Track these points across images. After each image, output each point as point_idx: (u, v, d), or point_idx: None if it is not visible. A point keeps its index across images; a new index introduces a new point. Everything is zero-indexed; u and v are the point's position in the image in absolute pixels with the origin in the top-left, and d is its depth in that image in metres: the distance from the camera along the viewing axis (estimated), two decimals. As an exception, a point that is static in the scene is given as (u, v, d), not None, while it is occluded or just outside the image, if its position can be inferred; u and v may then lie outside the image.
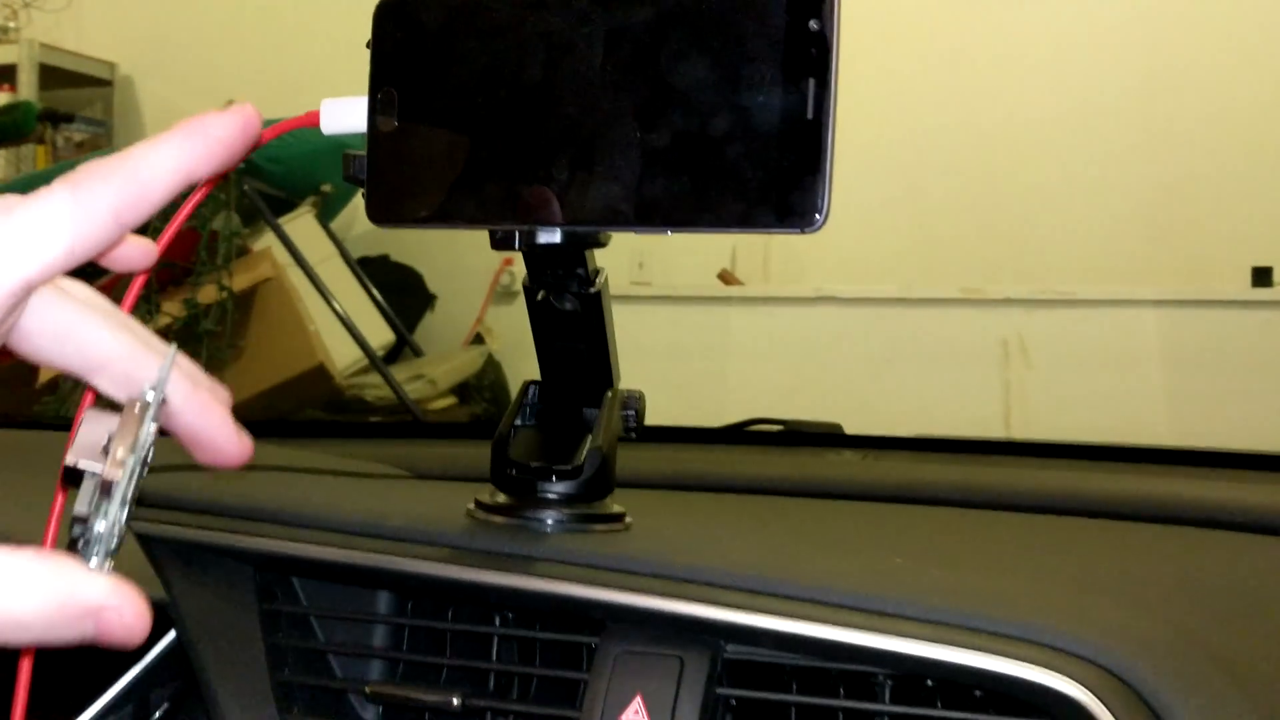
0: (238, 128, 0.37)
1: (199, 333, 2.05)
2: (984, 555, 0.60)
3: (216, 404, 0.37)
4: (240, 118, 0.37)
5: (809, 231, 0.39)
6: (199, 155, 0.36)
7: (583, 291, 0.50)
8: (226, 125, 0.36)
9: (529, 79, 0.42)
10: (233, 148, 0.37)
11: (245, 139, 0.37)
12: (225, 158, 0.37)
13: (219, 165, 0.37)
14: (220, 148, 0.36)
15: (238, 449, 0.38)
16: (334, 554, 0.51)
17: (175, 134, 0.36)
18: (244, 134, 0.37)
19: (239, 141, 0.37)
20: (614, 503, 0.54)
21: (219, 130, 0.36)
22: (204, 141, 0.36)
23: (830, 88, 0.39)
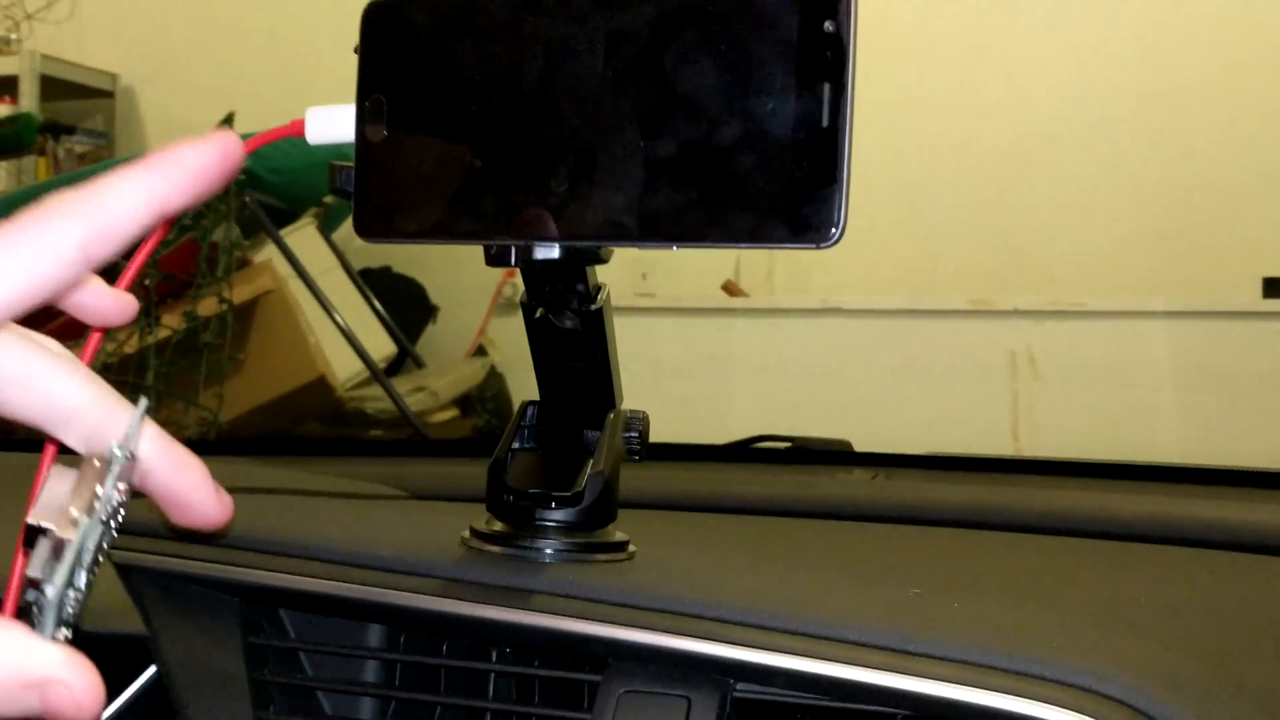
0: (214, 157, 0.34)
1: (199, 345, 2.03)
2: (1003, 583, 0.57)
3: (193, 461, 0.35)
4: (217, 147, 0.34)
5: (824, 247, 0.36)
6: (172, 187, 0.33)
7: (583, 309, 0.48)
8: (202, 155, 0.34)
9: (526, 85, 0.40)
10: (209, 178, 0.34)
11: (223, 169, 0.35)
12: (200, 189, 0.34)
13: (194, 197, 0.34)
14: (195, 179, 0.34)
15: (218, 509, 0.36)
16: (322, 586, 0.49)
17: (147, 165, 0.34)
18: (221, 164, 0.34)
19: (216, 172, 0.34)
20: (616, 530, 0.52)
21: (194, 161, 0.34)
22: (177, 173, 0.34)
23: (847, 93, 0.36)
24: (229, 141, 0.35)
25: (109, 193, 0.33)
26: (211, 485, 0.35)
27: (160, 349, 1.92)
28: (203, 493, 0.35)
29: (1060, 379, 2.24)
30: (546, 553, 0.49)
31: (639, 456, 0.53)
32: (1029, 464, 0.98)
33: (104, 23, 3.06)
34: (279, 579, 0.50)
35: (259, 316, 2.20)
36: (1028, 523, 0.71)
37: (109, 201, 0.33)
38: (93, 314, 0.35)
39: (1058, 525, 0.71)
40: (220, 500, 0.35)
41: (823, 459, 0.96)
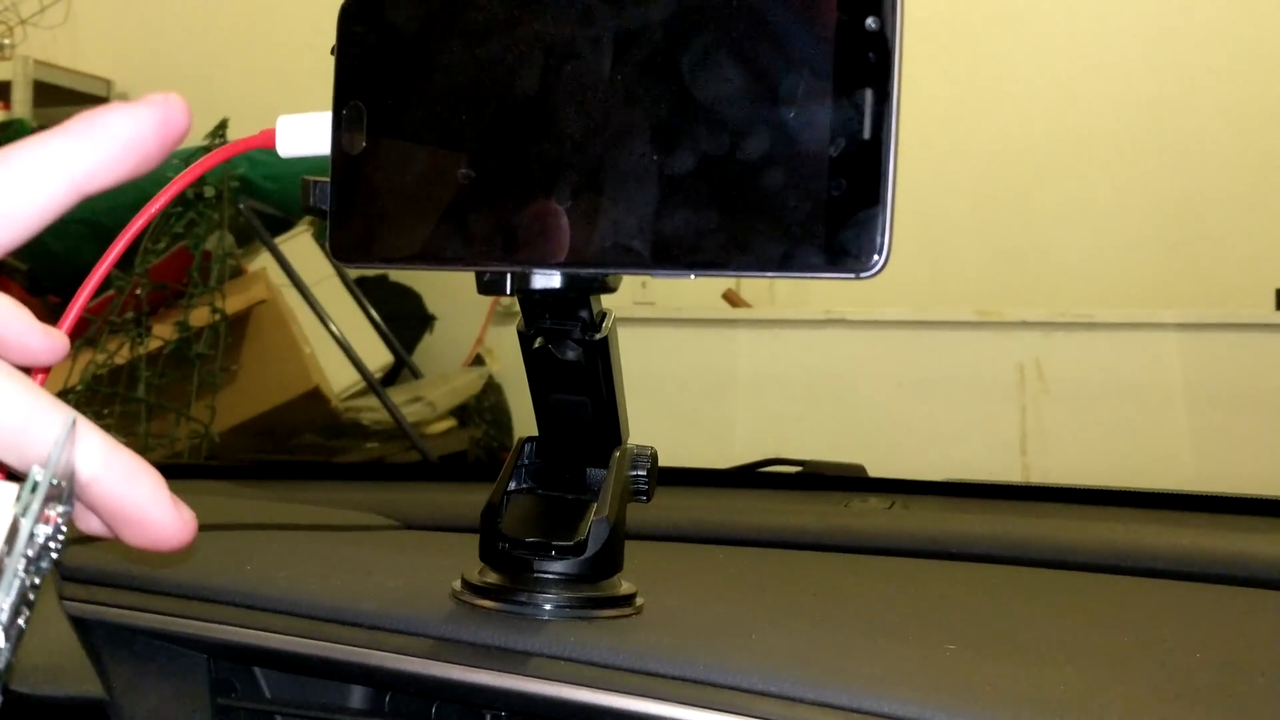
0: (150, 125, 0.28)
1: (191, 356, 1.99)
2: (1041, 634, 0.53)
3: (144, 469, 0.29)
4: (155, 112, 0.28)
5: (865, 277, 0.31)
6: (95, 160, 0.27)
7: (586, 338, 0.43)
8: (133, 121, 0.28)
9: (523, 91, 0.35)
10: (143, 152, 0.28)
11: (163, 141, 0.28)
12: (131, 163, 0.28)
13: (122, 172, 0.28)
14: (124, 151, 0.28)
15: (176, 526, 0.29)
16: (299, 645, 0.44)
17: (64, 130, 0.27)
18: (160, 134, 0.28)
19: (152, 142, 0.28)
20: (623, 580, 0.47)
21: (122, 127, 0.28)
22: (103, 144, 0.28)
23: (892, 100, 0.31)
24: (170, 105, 0.29)
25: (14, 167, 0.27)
26: (168, 496, 0.29)
27: (151, 360, 1.88)
28: (157, 505, 0.29)
29: (1069, 392, 2.21)
30: (545, 608, 0.44)
31: (646, 497, 0.48)
32: (1049, 491, 0.94)
33: (98, 28, 3.03)
34: (251, 636, 0.45)
35: (253, 327, 2.17)
36: (1054, 558, 0.68)
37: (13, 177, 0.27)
38: (16, 352, 0.29)
39: (1086, 561, 0.67)
40: (179, 514, 0.29)
41: (835, 485, 0.91)
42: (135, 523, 0.29)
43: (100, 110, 0.28)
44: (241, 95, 2.65)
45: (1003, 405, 2.22)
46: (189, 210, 1.91)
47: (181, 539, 0.30)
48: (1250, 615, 0.57)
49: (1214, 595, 0.61)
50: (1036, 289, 2.32)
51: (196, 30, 2.90)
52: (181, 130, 0.29)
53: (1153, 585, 0.63)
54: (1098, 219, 2.32)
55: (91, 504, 0.29)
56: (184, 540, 0.30)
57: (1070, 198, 2.32)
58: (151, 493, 0.29)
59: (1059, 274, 2.33)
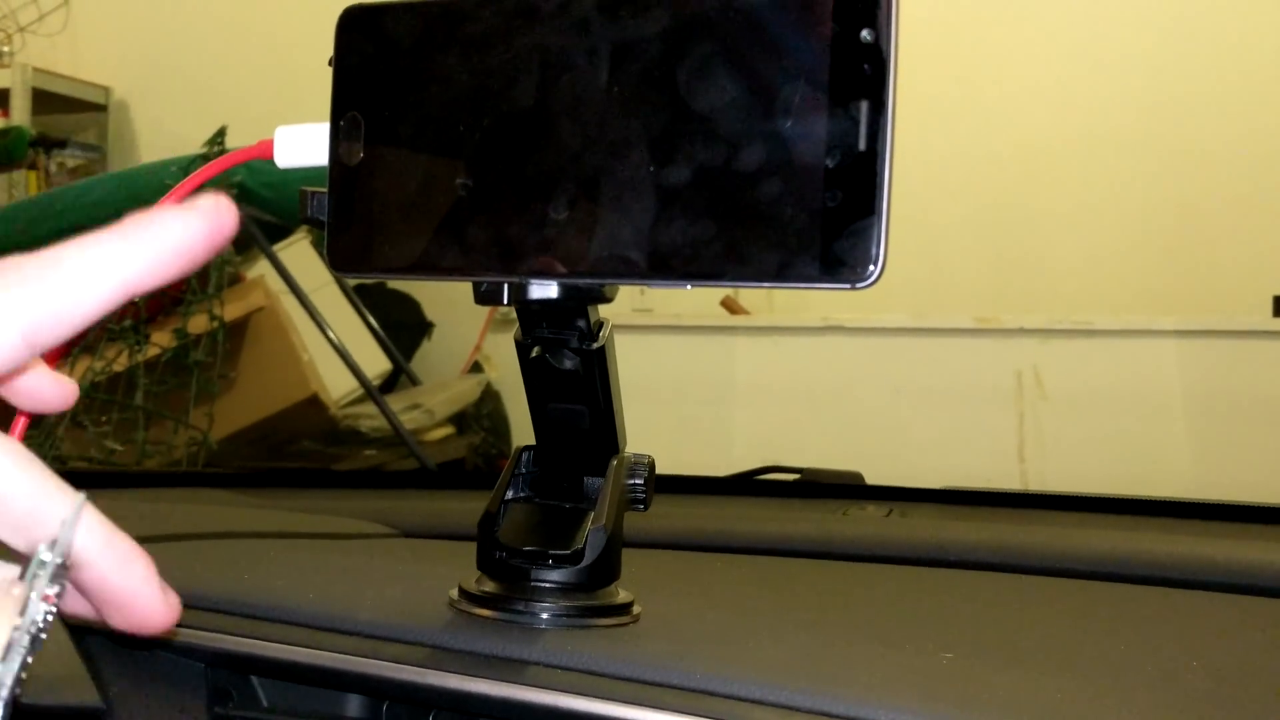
0: (203, 230, 0.28)
1: (189, 364, 1.99)
2: (1039, 641, 0.53)
3: (138, 554, 0.30)
4: (207, 218, 0.28)
5: (861, 288, 0.31)
6: (146, 263, 0.27)
7: (583, 347, 0.43)
8: (186, 228, 0.28)
9: (520, 102, 0.35)
10: (192, 254, 0.28)
11: (211, 243, 0.28)
12: (180, 266, 0.28)
13: (171, 274, 0.28)
14: (174, 255, 0.28)
15: (162, 612, 0.30)
16: (296, 654, 0.44)
17: (119, 233, 0.27)
18: (210, 237, 0.28)
19: (202, 247, 0.28)
20: (620, 589, 0.47)
21: (177, 233, 0.28)
22: (155, 248, 0.27)
23: (887, 112, 0.31)
24: (220, 210, 0.28)
25: (67, 267, 0.27)
26: (157, 583, 0.30)
27: (150, 367, 1.88)
28: (146, 592, 0.29)
29: (1067, 399, 2.21)
30: (542, 617, 0.44)
31: (644, 506, 0.48)
32: (1047, 499, 0.94)
33: (97, 36, 3.03)
34: (249, 645, 0.45)
35: (251, 334, 2.17)
36: (1052, 565, 0.68)
37: (66, 278, 0.27)
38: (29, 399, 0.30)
39: (1084, 568, 0.67)
40: (165, 601, 0.30)
41: (833, 493, 0.91)
42: (124, 606, 0.30)
43: (154, 214, 0.27)
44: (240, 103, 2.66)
45: (1001, 412, 2.22)
46: (187, 217, 1.91)
47: (165, 623, 0.30)
48: (1247, 622, 0.57)
49: (1211, 602, 0.61)
50: (1034, 296, 2.32)
51: (195, 38, 2.90)
52: (229, 234, 0.29)
53: (1150, 593, 0.63)
54: (1095, 226, 2.32)
55: (84, 586, 0.29)
56: (168, 624, 0.30)
57: (1068, 205, 2.33)
58: (144, 578, 0.30)
59: (1057, 281, 2.33)
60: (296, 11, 2.77)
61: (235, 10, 2.90)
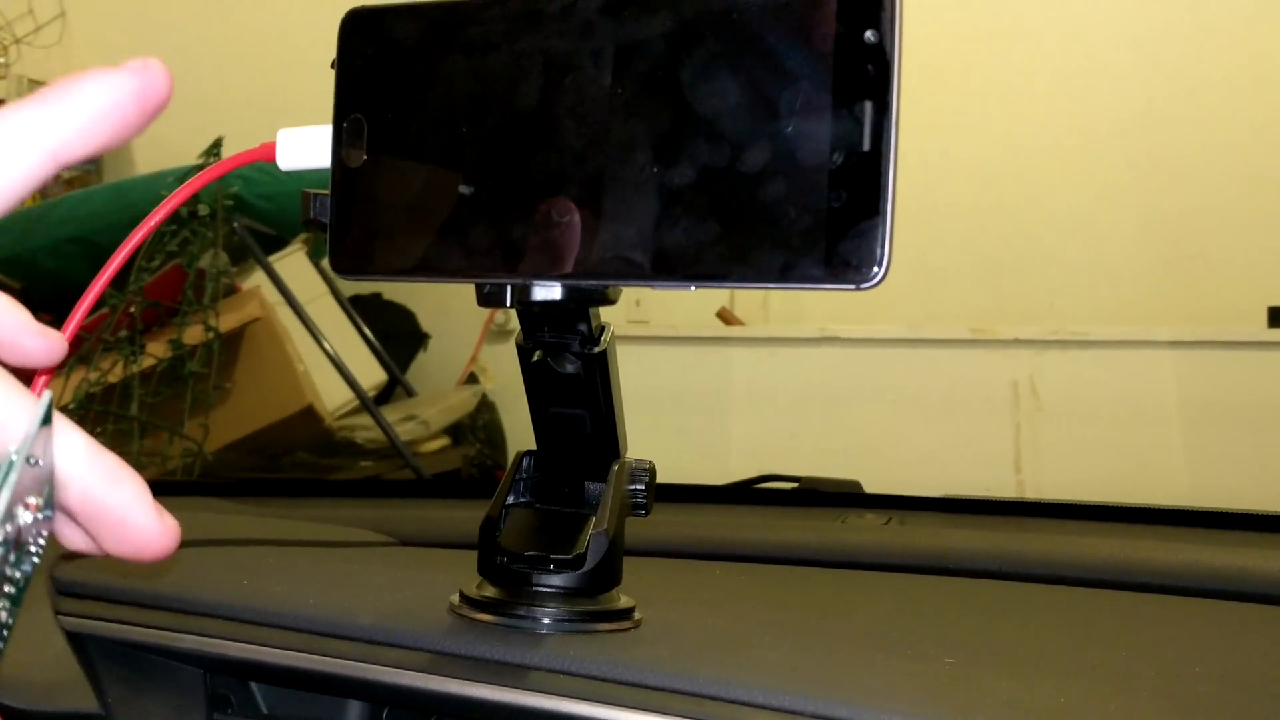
0: (131, 93, 0.27)
1: (184, 374, 1.98)
2: (1039, 648, 0.52)
3: (126, 472, 0.28)
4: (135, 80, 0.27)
5: (865, 288, 0.31)
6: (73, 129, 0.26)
7: (585, 351, 0.43)
8: (114, 90, 0.27)
9: (523, 104, 0.35)
10: (123, 120, 0.27)
11: (143, 108, 0.27)
12: (110, 132, 0.27)
13: (101, 141, 0.27)
14: (103, 121, 0.27)
15: (158, 532, 0.28)
16: (296, 659, 0.44)
17: (38, 99, 0.26)
18: (141, 102, 0.27)
19: (133, 112, 0.27)
20: (621, 595, 0.47)
21: (102, 96, 0.27)
22: (80, 112, 0.26)
23: (892, 112, 0.31)
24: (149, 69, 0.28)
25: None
26: (150, 502, 0.28)
27: (145, 378, 1.88)
28: (138, 511, 0.27)
29: (1063, 410, 2.21)
30: (544, 622, 0.44)
31: (645, 511, 0.48)
32: (1045, 507, 0.94)
33: (93, 48, 3.03)
34: (248, 650, 0.45)
35: (246, 345, 2.16)
36: (1050, 573, 0.68)
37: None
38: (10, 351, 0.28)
39: (1082, 576, 0.67)
40: (162, 521, 0.28)
41: (832, 501, 0.91)
42: (115, 527, 0.28)
43: (75, 77, 0.27)
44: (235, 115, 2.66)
45: (997, 422, 2.22)
46: (183, 228, 1.91)
47: (163, 547, 0.28)
48: (1246, 629, 0.57)
49: (1209, 610, 0.61)
50: (1030, 306, 2.33)
51: (190, 50, 2.90)
52: (162, 98, 0.28)
53: (1149, 600, 0.63)
54: (1090, 237, 2.33)
55: (71, 507, 0.28)
56: (166, 548, 0.29)
57: (1063, 216, 2.33)
58: (134, 497, 0.28)
59: (1052, 291, 2.34)
60: (292, 24, 2.77)
61: (230, 23, 2.90)
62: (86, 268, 2.00)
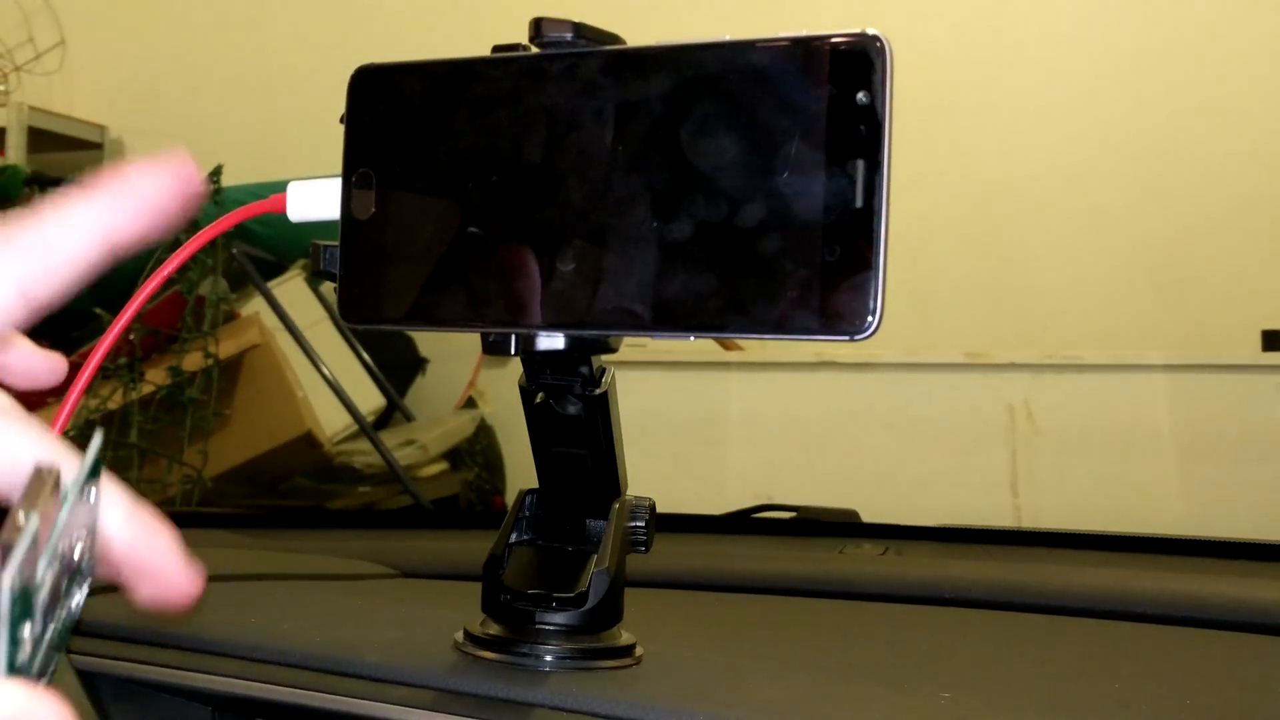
0: (171, 184, 0.30)
1: (184, 401, 1.99)
2: (1034, 680, 0.53)
3: (161, 526, 0.30)
4: (173, 171, 0.30)
5: (859, 339, 0.33)
6: (124, 217, 0.29)
7: (586, 393, 0.44)
8: (157, 181, 0.30)
9: (528, 159, 0.36)
10: (166, 208, 0.30)
11: (181, 197, 0.30)
12: (156, 221, 0.30)
13: (149, 230, 0.30)
14: (150, 209, 0.30)
15: (190, 582, 0.30)
16: (303, 697, 0.45)
17: (90, 192, 0.29)
18: (180, 191, 0.30)
19: (174, 200, 0.30)
20: (623, 631, 0.48)
21: (148, 187, 0.30)
22: (131, 201, 0.29)
23: (883, 170, 0.33)
24: (184, 166, 0.30)
25: (52, 225, 0.28)
26: (182, 553, 0.30)
27: (144, 405, 1.88)
28: (174, 562, 0.30)
29: (1059, 434, 2.21)
30: (547, 659, 0.45)
31: (645, 548, 0.49)
32: (1041, 536, 0.95)
33: (93, 75, 3.05)
34: (256, 688, 0.46)
35: (246, 371, 2.17)
36: (1047, 603, 0.68)
37: (52, 235, 0.28)
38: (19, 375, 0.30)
39: (1078, 606, 0.68)
40: (190, 571, 0.30)
41: (829, 531, 0.92)
42: (152, 577, 0.30)
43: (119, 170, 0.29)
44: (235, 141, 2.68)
45: (993, 447, 2.22)
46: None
47: (193, 595, 0.31)
48: (1239, 659, 0.58)
49: (1204, 640, 0.61)
50: (1025, 331, 2.34)
51: (190, 77, 2.92)
52: (196, 189, 0.30)
53: (1143, 630, 0.64)
54: (1084, 261, 2.34)
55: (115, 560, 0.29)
56: (196, 595, 0.31)
57: (1057, 241, 2.35)
58: (169, 549, 0.30)
59: (1047, 316, 2.35)
60: (291, 50, 2.80)
61: (229, 49, 2.92)
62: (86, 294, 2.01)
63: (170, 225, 0.30)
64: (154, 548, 0.29)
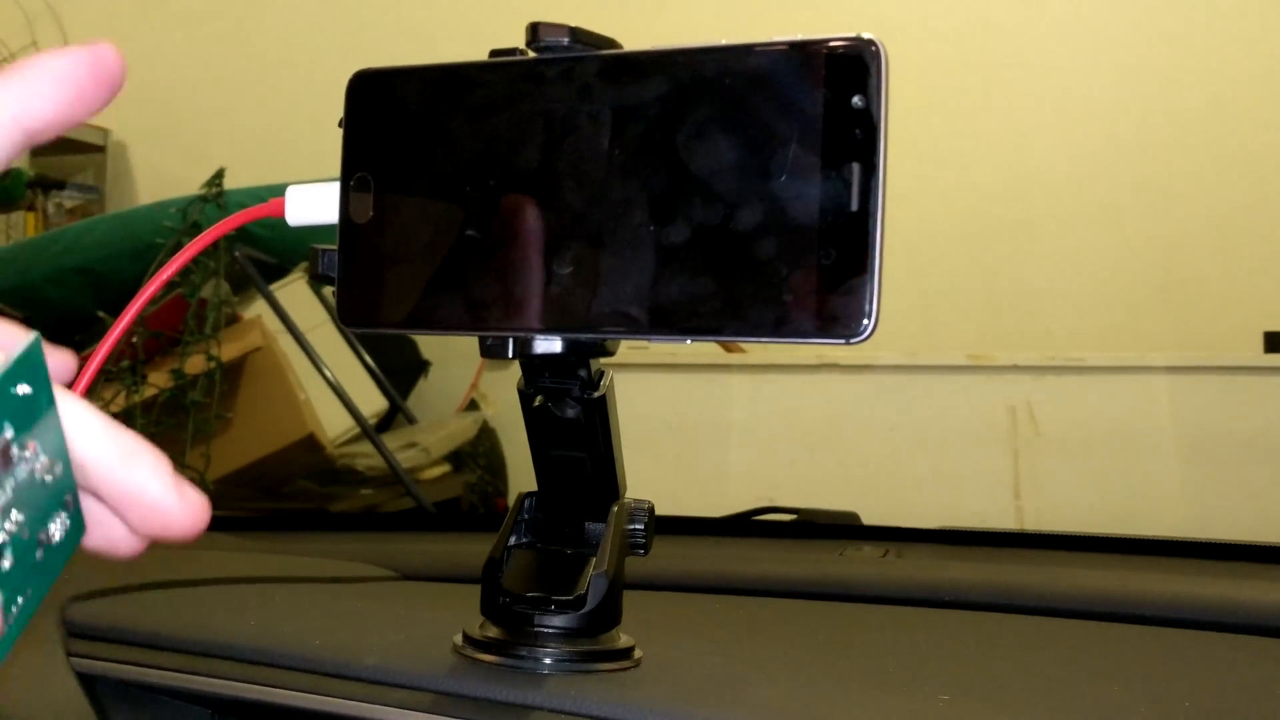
0: (84, 65, 0.29)
1: (186, 404, 1.99)
2: (1034, 682, 0.53)
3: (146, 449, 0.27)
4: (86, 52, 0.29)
5: (855, 342, 0.33)
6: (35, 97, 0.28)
7: (585, 397, 0.44)
8: (71, 63, 0.29)
9: (525, 164, 0.36)
10: (79, 88, 0.29)
11: (97, 77, 0.29)
12: (72, 101, 0.29)
13: (65, 113, 0.29)
14: (62, 88, 0.29)
15: (182, 508, 0.28)
16: (303, 700, 0.45)
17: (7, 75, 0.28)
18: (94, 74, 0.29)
19: (89, 83, 0.29)
20: (621, 634, 0.48)
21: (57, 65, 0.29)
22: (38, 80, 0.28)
23: (878, 174, 0.33)
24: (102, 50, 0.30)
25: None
26: (170, 478, 0.27)
27: (147, 408, 1.88)
28: (157, 486, 0.27)
29: (1061, 435, 2.21)
30: (545, 662, 0.45)
31: (644, 551, 0.49)
32: (1042, 538, 0.95)
33: (95, 78, 3.05)
34: (256, 691, 0.46)
35: (248, 374, 2.17)
36: (1047, 605, 0.68)
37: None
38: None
39: (1078, 608, 0.68)
40: (184, 498, 0.27)
41: (830, 533, 0.92)
42: (137, 505, 0.27)
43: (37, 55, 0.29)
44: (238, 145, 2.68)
45: (995, 449, 2.22)
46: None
47: (189, 523, 0.28)
48: (1240, 661, 0.58)
49: (1204, 642, 0.61)
50: (1027, 332, 2.34)
51: (192, 80, 2.92)
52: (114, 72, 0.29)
53: (1144, 632, 0.64)
54: (1086, 262, 2.34)
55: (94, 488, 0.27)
56: (192, 524, 0.28)
57: (1059, 242, 2.35)
58: (152, 473, 0.27)
59: (1049, 318, 2.35)
60: (292, 55, 2.80)
61: (232, 53, 2.93)
62: (89, 297, 2.01)
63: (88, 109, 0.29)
64: (137, 469, 0.27)
